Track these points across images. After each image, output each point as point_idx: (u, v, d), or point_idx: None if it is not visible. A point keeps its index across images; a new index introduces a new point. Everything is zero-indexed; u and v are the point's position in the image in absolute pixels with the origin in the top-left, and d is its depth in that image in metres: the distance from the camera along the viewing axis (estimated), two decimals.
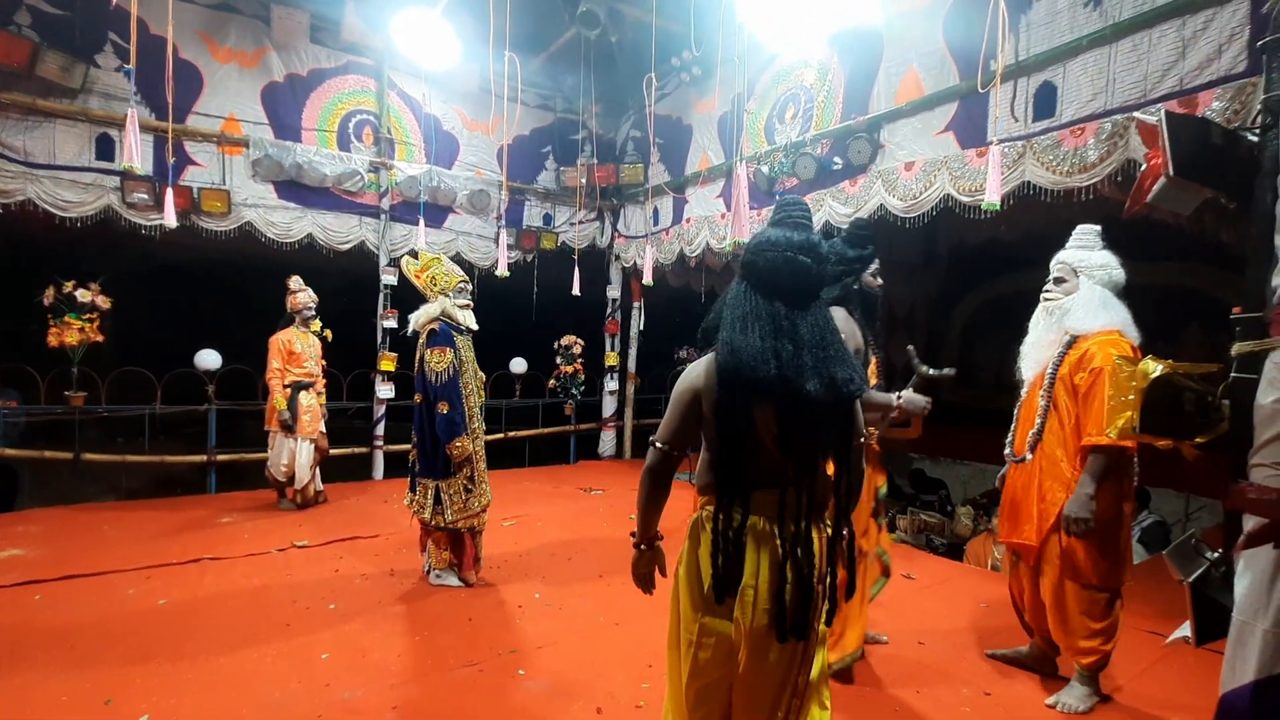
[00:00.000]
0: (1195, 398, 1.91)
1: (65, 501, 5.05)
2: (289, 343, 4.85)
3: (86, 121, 4.94)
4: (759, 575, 1.40)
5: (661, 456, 1.51)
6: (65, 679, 2.43)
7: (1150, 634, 2.99)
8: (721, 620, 1.45)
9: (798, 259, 1.43)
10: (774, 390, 1.36)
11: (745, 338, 1.39)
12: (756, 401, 1.38)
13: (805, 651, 1.45)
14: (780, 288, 1.43)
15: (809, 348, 1.39)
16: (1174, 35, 3.16)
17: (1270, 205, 1.70)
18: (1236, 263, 2.03)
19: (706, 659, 1.47)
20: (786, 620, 1.38)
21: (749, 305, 1.44)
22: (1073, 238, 2.55)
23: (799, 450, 1.41)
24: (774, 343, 1.38)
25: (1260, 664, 1.41)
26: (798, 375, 1.36)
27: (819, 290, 1.47)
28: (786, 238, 1.45)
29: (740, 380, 1.38)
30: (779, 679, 1.44)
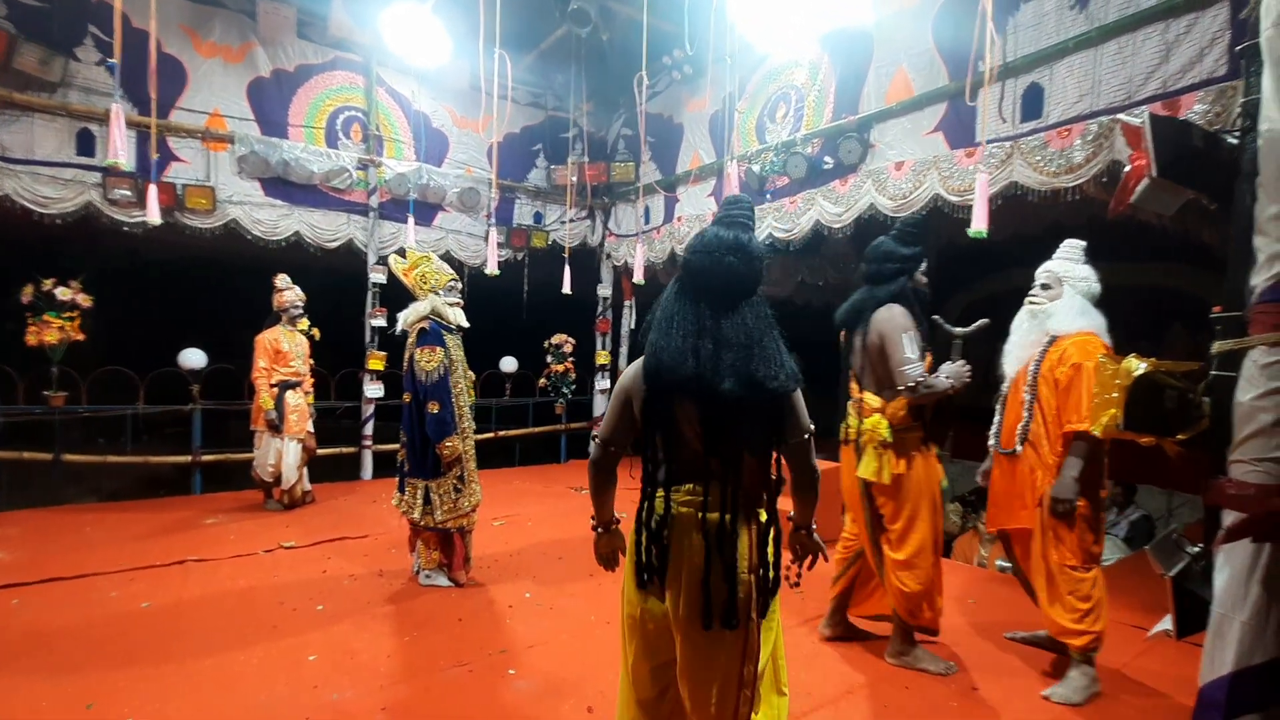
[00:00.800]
0: (1177, 395, 1.94)
1: (45, 503, 4.96)
2: (275, 341, 4.80)
3: (66, 116, 4.85)
4: (683, 566, 1.47)
5: (600, 451, 1.60)
6: (46, 684, 2.39)
7: (1133, 628, 3.04)
8: (660, 605, 1.53)
9: (724, 259, 1.47)
10: (691, 388, 1.42)
11: (667, 339, 1.46)
12: (678, 399, 1.45)
13: (747, 643, 1.48)
14: (709, 288, 1.48)
15: (730, 347, 1.43)
16: (1158, 38, 3.21)
17: (1249, 206, 1.73)
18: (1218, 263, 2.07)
19: (650, 640, 1.56)
20: (712, 610, 1.43)
21: (675, 307, 1.50)
22: (1061, 249, 2.69)
23: (721, 446, 1.46)
24: (695, 342, 1.44)
25: (1238, 655, 1.44)
26: (714, 374, 1.40)
27: (749, 289, 1.50)
28: (718, 237, 1.50)
29: (661, 379, 1.45)
30: (720, 669, 1.47)
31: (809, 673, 2.64)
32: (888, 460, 2.56)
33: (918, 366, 2.43)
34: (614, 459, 1.60)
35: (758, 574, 1.49)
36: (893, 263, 2.62)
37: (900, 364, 2.43)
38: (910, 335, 2.46)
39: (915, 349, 2.44)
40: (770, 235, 5.34)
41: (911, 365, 2.42)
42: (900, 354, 2.43)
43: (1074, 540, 2.45)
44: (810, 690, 2.49)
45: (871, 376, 2.61)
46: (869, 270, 2.68)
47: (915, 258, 2.65)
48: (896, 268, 2.61)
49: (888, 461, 2.56)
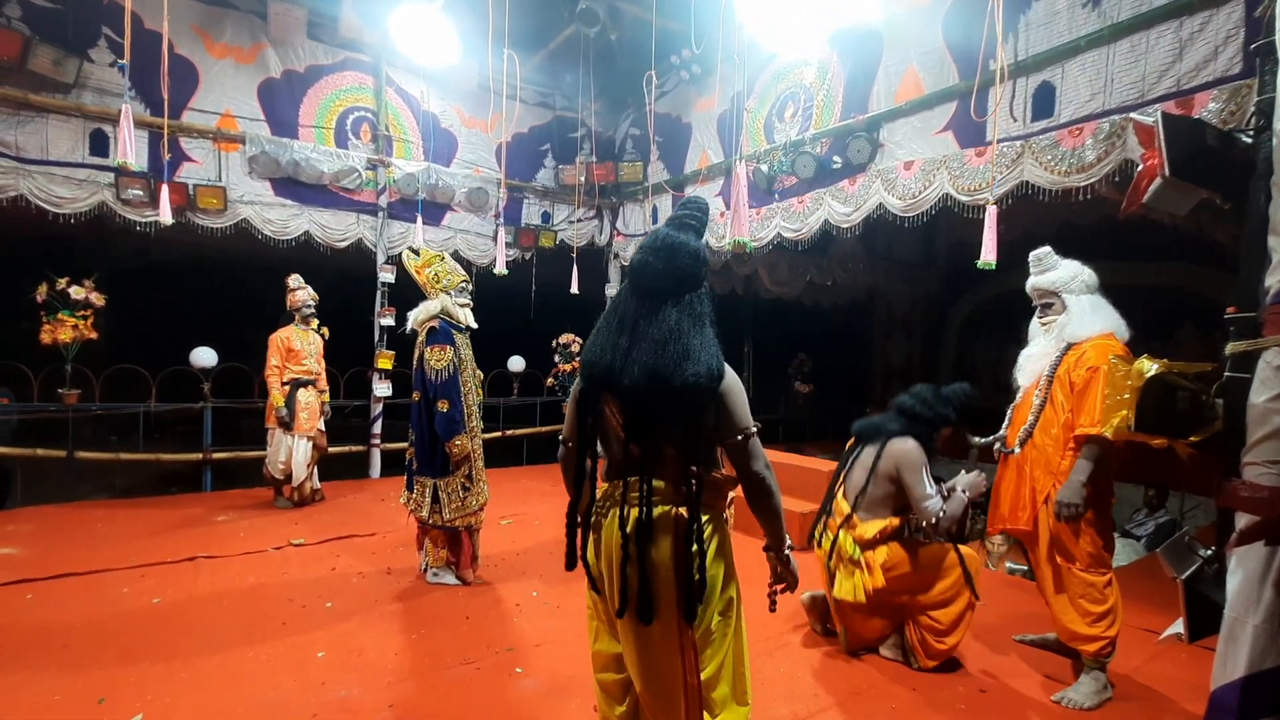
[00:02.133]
0: (1189, 397, 1.92)
1: (58, 500, 5.02)
2: (287, 340, 4.85)
3: (80, 117, 4.91)
4: (611, 558, 1.51)
5: (562, 449, 1.67)
6: (58, 678, 2.42)
7: (1144, 631, 3.01)
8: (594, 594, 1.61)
9: (648, 258, 1.52)
10: (607, 383, 1.48)
11: (595, 336, 1.55)
12: (604, 395, 1.51)
13: (681, 648, 1.48)
14: (639, 286, 1.54)
15: (646, 342, 1.45)
16: (1171, 36, 3.17)
17: (1264, 206, 1.71)
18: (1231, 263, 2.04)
19: (600, 629, 1.65)
20: (625, 597, 1.47)
21: (611, 304, 1.58)
22: (1033, 266, 2.65)
23: (640, 440, 1.48)
24: (615, 338, 1.49)
25: (1250, 660, 1.42)
26: (622, 369, 1.45)
27: (678, 287, 1.50)
28: (654, 237, 1.56)
29: (585, 375, 1.54)
30: (662, 673, 1.49)
31: (815, 674, 2.63)
32: (859, 578, 2.66)
33: (937, 501, 2.56)
34: (573, 454, 1.63)
35: (679, 575, 1.46)
36: (929, 411, 2.72)
37: (921, 500, 2.56)
38: (927, 470, 2.59)
39: (933, 484, 2.58)
40: (779, 235, 5.33)
41: (932, 500, 2.55)
42: (921, 490, 2.57)
43: (1081, 543, 2.40)
44: (817, 691, 2.49)
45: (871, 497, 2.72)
46: (904, 404, 2.78)
47: (949, 421, 2.75)
48: (930, 416, 2.71)
49: (859, 580, 2.66)
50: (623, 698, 1.64)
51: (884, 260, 8.24)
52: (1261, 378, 1.47)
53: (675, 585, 1.46)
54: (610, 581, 1.52)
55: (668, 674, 1.49)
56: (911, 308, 9.39)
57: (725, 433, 1.50)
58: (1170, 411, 1.94)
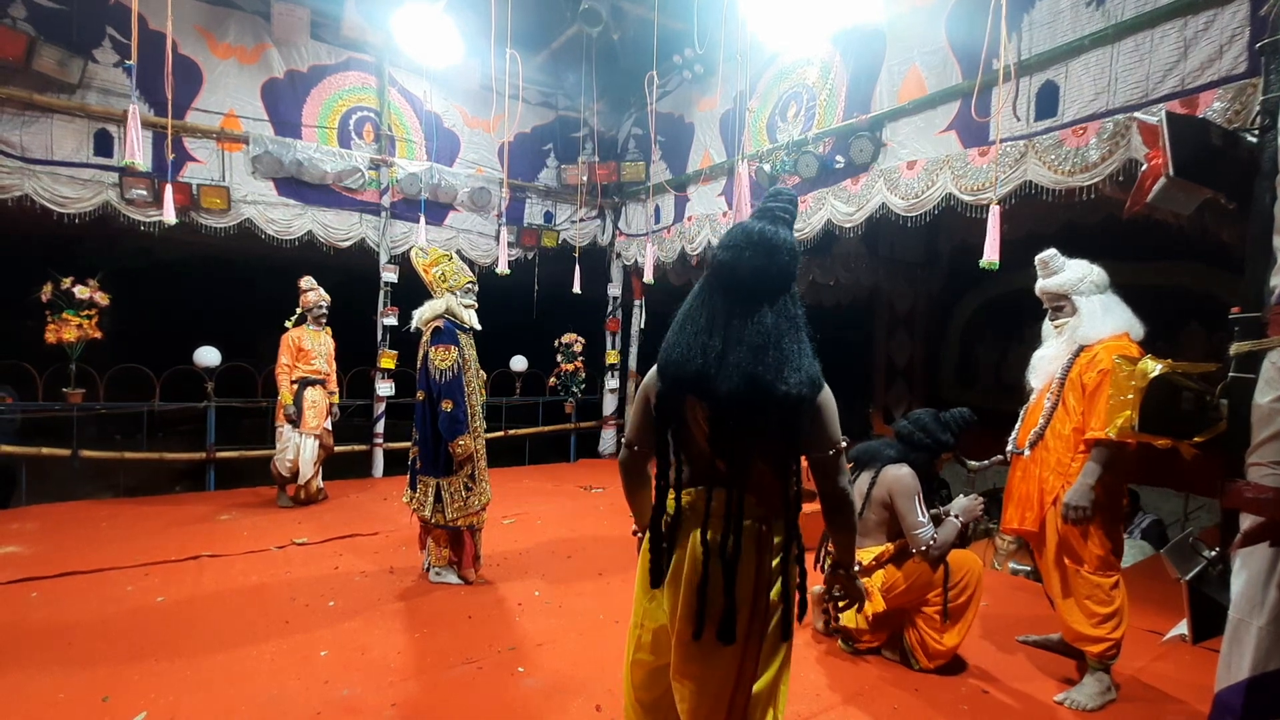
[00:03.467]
0: (1194, 397, 1.92)
1: (63, 498, 5.04)
2: (298, 339, 4.91)
3: (85, 117, 4.92)
4: (684, 570, 1.42)
5: (625, 451, 1.58)
6: (63, 676, 2.43)
7: (1148, 632, 3.01)
8: (655, 604, 1.50)
9: (743, 254, 1.39)
10: (695, 387, 1.37)
11: (679, 335, 1.42)
12: (688, 399, 1.39)
13: (741, 666, 1.41)
14: (729, 284, 1.41)
15: (741, 346, 1.35)
16: (1175, 35, 3.16)
17: (1269, 206, 1.71)
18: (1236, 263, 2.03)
19: (647, 642, 1.53)
20: (703, 619, 1.38)
21: (693, 303, 1.45)
22: (1039, 270, 2.63)
23: (728, 450, 1.39)
24: (705, 339, 1.38)
25: (1255, 661, 1.42)
26: (717, 373, 1.34)
27: (773, 286, 1.40)
28: (744, 231, 1.42)
29: (669, 376, 1.41)
30: (710, 686, 1.42)
31: (818, 674, 2.63)
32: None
33: (928, 529, 2.56)
34: (639, 459, 1.55)
35: (765, 595, 1.41)
36: (928, 437, 2.72)
37: (913, 528, 2.56)
38: (920, 498, 2.59)
39: (925, 512, 2.58)
40: None
41: (924, 529, 2.55)
42: (914, 518, 2.57)
43: (1089, 546, 2.40)
44: (819, 692, 2.49)
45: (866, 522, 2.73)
46: (902, 429, 2.78)
47: (948, 447, 2.74)
48: (929, 443, 2.71)
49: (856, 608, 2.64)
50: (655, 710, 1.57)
51: (886, 260, 8.22)
52: (1266, 378, 1.47)
53: (751, 604, 1.40)
54: (685, 599, 1.41)
55: (720, 692, 1.42)
56: (914, 307, 9.37)
57: (817, 446, 1.40)
58: (1174, 412, 1.94)
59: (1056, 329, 2.59)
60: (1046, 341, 2.65)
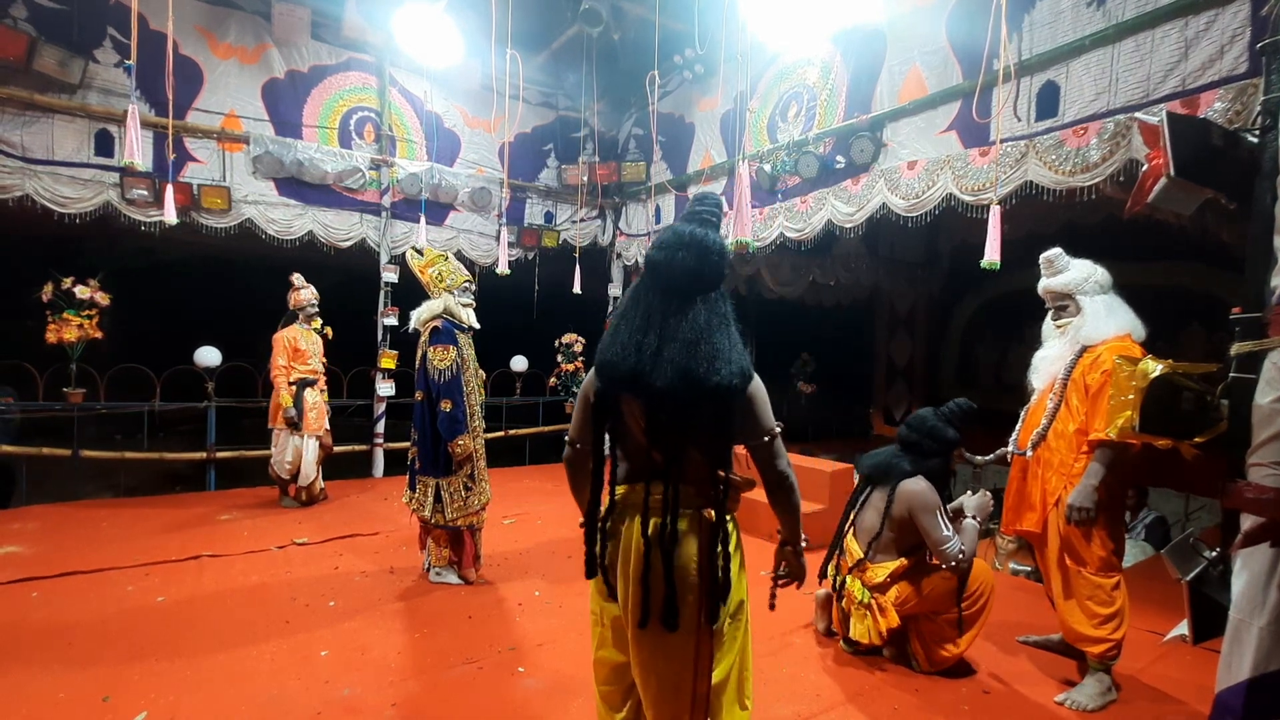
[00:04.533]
0: (1194, 397, 1.91)
1: (63, 498, 5.04)
2: (294, 340, 4.84)
3: (85, 117, 4.92)
4: (629, 564, 1.46)
5: (568, 450, 1.62)
6: (63, 676, 2.43)
7: (1148, 632, 3.00)
8: (606, 601, 1.55)
9: (677, 254, 1.46)
10: (631, 383, 1.41)
11: (614, 335, 1.47)
12: (624, 396, 1.45)
13: (697, 652, 1.45)
14: (663, 284, 1.47)
15: (675, 342, 1.41)
16: (1176, 35, 3.16)
17: (1270, 206, 1.70)
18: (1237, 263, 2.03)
19: (608, 638, 1.58)
20: (648, 608, 1.43)
21: (630, 302, 1.50)
22: (1043, 269, 2.62)
23: (665, 443, 1.45)
24: (640, 337, 1.42)
25: (1255, 662, 1.41)
26: (652, 369, 1.39)
27: (704, 285, 1.46)
28: (675, 233, 1.49)
29: (606, 375, 1.46)
30: (669, 675, 1.46)
31: (819, 674, 2.63)
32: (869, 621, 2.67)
33: (956, 542, 2.53)
34: (582, 456, 1.59)
35: (704, 577, 1.44)
36: (934, 442, 2.68)
37: (940, 543, 2.53)
38: (941, 511, 2.56)
39: (949, 525, 2.55)
40: (782, 235, 5.32)
41: (950, 543, 2.52)
42: (939, 534, 2.53)
43: (1091, 546, 2.40)
44: (819, 692, 2.49)
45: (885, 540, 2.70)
46: (907, 437, 2.74)
47: (956, 444, 2.71)
48: (936, 447, 2.67)
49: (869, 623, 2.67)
50: (622, 704, 1.62)
51: (887, 260, 8.23)
52: (1267, 378, 1.47)
53: (699, 590, 1.44)
54: (629, 590, 1.46)
55: (679, 681, 1.46)
56: (914, 307, 9.38)
57: (751, 434, 1.48)
58: (1175, 412, 1.94)
59: (1059, 329, 2.58)
60: (1048, 342, 2.64)
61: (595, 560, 1.53)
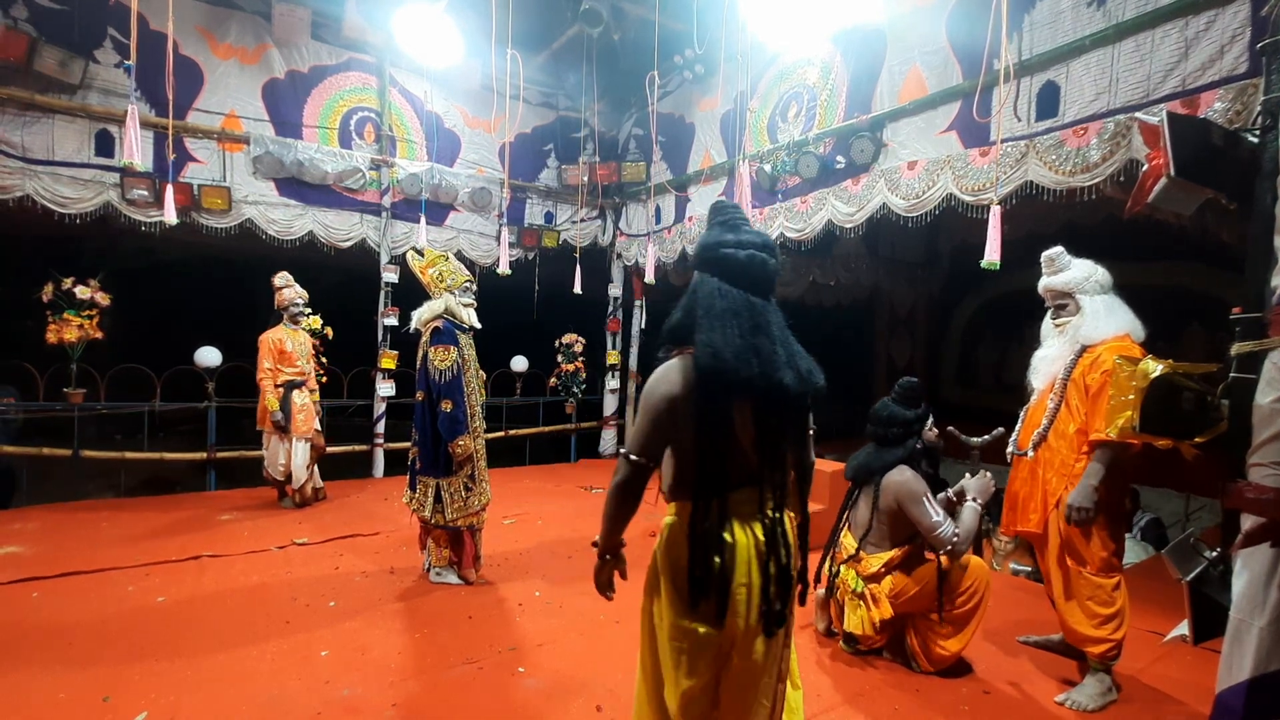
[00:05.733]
0: (1194, 397, 1.91)
1: (63, 499, 5.04)
2: (279, 342, 4.79)
3: (86, 117, 4.93)
4: (750, 575, 1.42)
5: (636, 470, 1.44)
6: (63, 676, 2.43)
7: (1149, 633, 3.00)
8: (708, 623, 1.42)
9: (760, 255, 1.46)
10: (755, 387, 1.37)
11: (726, 336, 1.38)
12: (736, 401, 1.39)
13: (787, 636, 1.50)
14: (751, 284, 1.45)
15: (777, 344, 1.42)
16: (1176, 35, 3.16)
17: (1270, 206, 1.70)
18: (1237, 263, 2.03)
19: (700, 664, 1.43)
20: (773, 613, 1.43)
21: (726, 301, 1.42)
22: (1045, 267, 2.62)
23: (773, 445, 1.44)
24: (752, 340, 1.39)
25: (1256, 662, 1.41)
26: (775, 370, 1.38)
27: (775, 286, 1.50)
28: (754, 234, 1.49)
29: (724, 381, 1.36)
30: (771, 670, 1.47)
31: (820, 675, 2.63)
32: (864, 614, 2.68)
33: (949, 525, 2.51)
34: (648, 475, 1.46)
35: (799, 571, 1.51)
36: (897, 427, 2.70)
37: (932, 529, 2.51)
38: (929, 497, 2.55)
39: (939, 508, 2.55)
40: (782, 235, 5.32)
41: (943, 528, 2.51)
42: (929, 520, 2.52)
43: (1091, 547, 2.40)
44: (821, 692, 2.48)
45: (877, 532, 2.72)
46: (875, 432, 2.77)
47: (920, 419, 2.72)
48: (902, 431, 2.70)
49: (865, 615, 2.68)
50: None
51: (887, 260, 8.23)
52: (1267, 378, 1.47)
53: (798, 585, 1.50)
54: (751, 599, 1.41)
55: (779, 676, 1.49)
56: (915, 308, 9.38)
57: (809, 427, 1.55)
58: (1175, 412, 1.93)
59: (1058, 328, 2.58)
60: (1046, 341, 2.64)
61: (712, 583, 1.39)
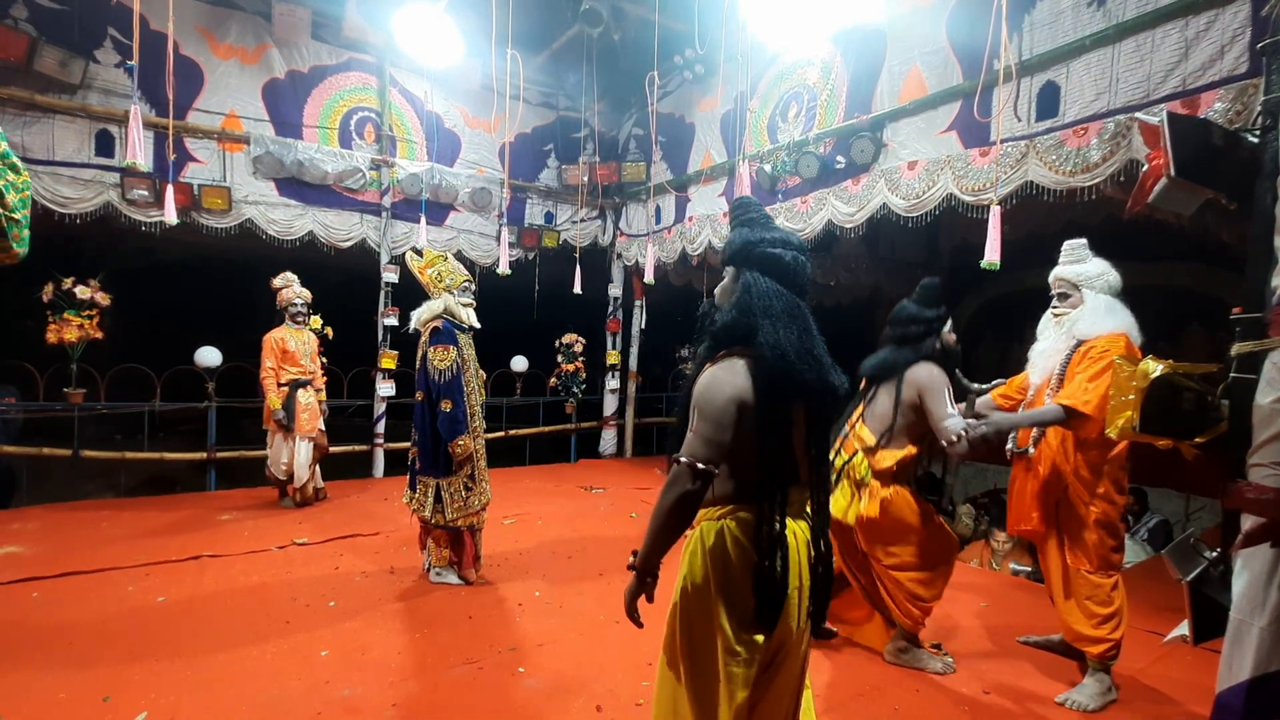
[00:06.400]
0: (1195, 398, 1.91)
1: (64, 499, 5.04)
2: (282, 341, 4.82)
3: (86, 117, 4.93)
4: (802, 577, 1.42)
5: (698, 482, 1.33)
6: (64, 676, 2.43)
7: (1149, 633, 3.00)
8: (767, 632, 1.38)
9: (800, 258, 1.46)
10: (812, 389, 1.38)
11: (788, 338, 1.36)
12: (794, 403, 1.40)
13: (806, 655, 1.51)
14: (798, 285, 1.45)
15: (821, 344, 1.44)
16: (1177, 36, 3.16)
17: (1270, 206, 1.70)
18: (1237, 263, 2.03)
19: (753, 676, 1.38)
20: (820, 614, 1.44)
21: (782, 303, 1.40)
22: (1063, 254, 2.62)
23: (819, 445, 1.45)
24: (809, 341, 1.41)
25: (1256, 662, 1.42)
26: (826, 372, 1.40)
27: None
28: (786, 237, 1.47)
29: (790, 383, 1.35)
30: (804, 669, 1.50)
31: (818, 675, 2.63)
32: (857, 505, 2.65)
33: (958, 421, 2.46)
34: (710, 481, 1.36)
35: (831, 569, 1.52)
36: (918, 325, 2.65)
37: (941, 419, 2.46)
38: (949, 391, 2.51)
39: (954, 404, 2.50)
40: None
41: (951, 420, 2.46)
42: (943, 409, 2.47)
43: (1092, 546, 2.40)
44: (820, 693, 2.48)
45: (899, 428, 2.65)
46: (895, 333, 2.72)
47: (941, 318, 2.67)
48: (922, 330, 2.65)
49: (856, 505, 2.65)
50: None
51: (887, 260, 8.23)
52: (1267, 379, 1.47)
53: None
54: (801, 602, 1.41)
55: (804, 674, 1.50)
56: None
57: None
58: (1176, 413, 1.93)
59: (1056, 317, 2.58)
60: (1043, 334, 2.63)
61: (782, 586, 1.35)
